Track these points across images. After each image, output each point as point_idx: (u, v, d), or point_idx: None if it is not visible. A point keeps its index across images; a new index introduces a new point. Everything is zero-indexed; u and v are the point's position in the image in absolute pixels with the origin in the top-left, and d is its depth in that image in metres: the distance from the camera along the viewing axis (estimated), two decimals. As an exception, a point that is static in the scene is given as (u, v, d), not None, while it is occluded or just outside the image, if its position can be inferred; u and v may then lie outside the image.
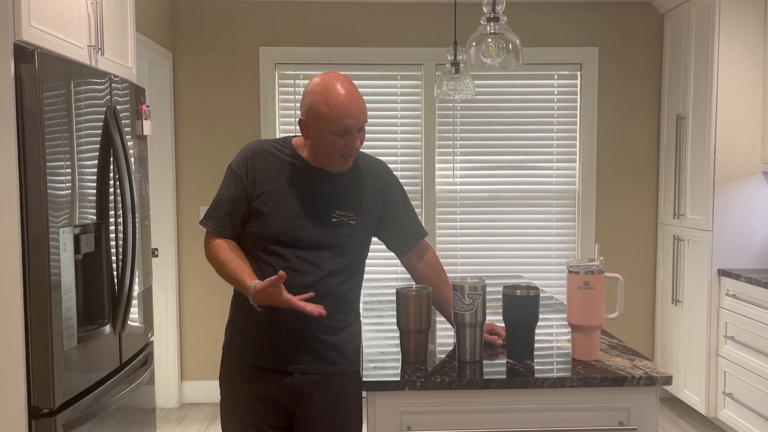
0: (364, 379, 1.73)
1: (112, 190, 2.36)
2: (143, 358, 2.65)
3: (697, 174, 3.71)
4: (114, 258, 2.37)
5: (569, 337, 1.91)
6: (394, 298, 1.87)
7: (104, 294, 2.33)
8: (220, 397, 1.95)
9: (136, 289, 2.54)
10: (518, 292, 1.84)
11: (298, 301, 1.70)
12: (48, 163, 1.94)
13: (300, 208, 1.83)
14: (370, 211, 1.90)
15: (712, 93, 3.56)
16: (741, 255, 3.59)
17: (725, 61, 3.53)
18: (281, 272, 1.68)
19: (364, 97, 1.85)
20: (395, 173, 2.03)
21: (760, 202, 3.59)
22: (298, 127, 4.13)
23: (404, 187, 2.03)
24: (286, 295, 1.69)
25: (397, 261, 2.07)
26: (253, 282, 1.73)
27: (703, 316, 3.63)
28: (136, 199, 2.43)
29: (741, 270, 3.51)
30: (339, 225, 1.84)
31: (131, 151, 2.52)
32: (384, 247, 2.05)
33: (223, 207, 1.86)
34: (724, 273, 3.53)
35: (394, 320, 1.88)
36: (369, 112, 1.88)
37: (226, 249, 1.83)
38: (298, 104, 4.14)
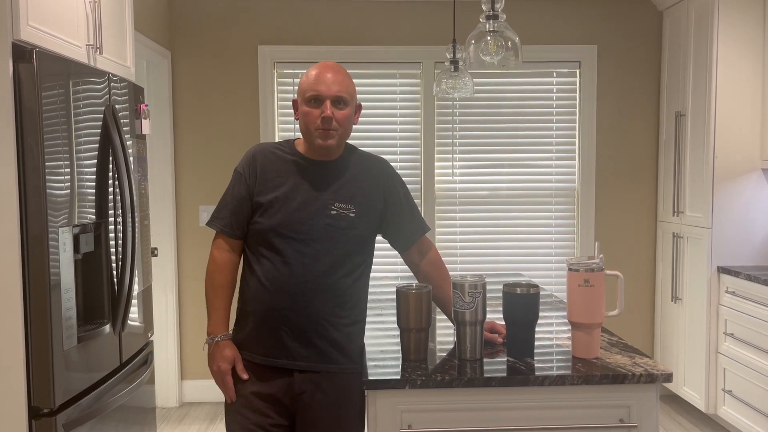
0: (364, 378, 1.73)
1: (111, 189, 2.35)
2: (143, 357, 2.65)
3: (697, 171, 3.71)
4: (113, 257, 2.37)
5: (569, 335, 1.91)
6: (394, 296, 1.87)
7: (104, 293, 2.33)
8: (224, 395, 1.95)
9: (136, 288, 2.54)
10: (518, 290, 1.84)
11: (228, 384, 1.88)
12: (47, 163, 1.94)
13: (300, 202, 1.85)
14: (371, 205, 1.91)
15: (711, 90, 3.56)
16: (740, 252, 3.59)
17: (724, 59, 3.53)
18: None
19: (363, 96, 1.87)
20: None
21: (759, 199, 3.59)
22: (297, 125, 4.15)
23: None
24: (221, 377, 1.89)
25: (397, 259, 2.08)
26: (222, 333, 1.88)
27: (702, 313, 3.63)
28: (135, 198, 2.43)
29: (740, 267, 3.51)
30: (338, 217, 1.85)
31: (130, 151, 2.51)
32: (383, 245, 2.05)
33: (228, 207, 1.91)
34: (723, 270, 3.54)
35: (395, 318, 1.88)
36: (368, 110, 1.90)
37: (225, 274, 1.91)
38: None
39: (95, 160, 2.26)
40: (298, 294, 1.82)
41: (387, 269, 3.83)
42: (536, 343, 1.90)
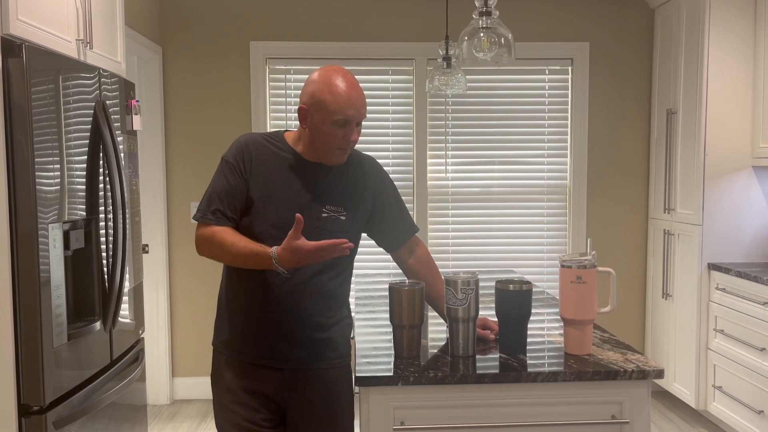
0: (357, 375, 1.73)
1: (101, 185, 2.34)
2: (134, 354, 2.64)
3: (688, 168, 3.73)
4: (104, 254, 2.36)
5: (562, 331, 1.92)
6: (387, 293, 1.87)
7: (94, 290, 2.32)
8: (212, 393, 1.94)
9: (127, 285, 2.53)
10: (511, 286, 1.85)
11: (325, 242, 1.63)
12: (36, 159, 1.92)
13: (291, 203, 1.82)
14: (361, 206, 1.90)
15: (702, 88, 3.58)
16: (731, 249, 3.61)
17: (715, 56, 3.55)
18: (299, 215, 1.64)
19: (356, 92, 1.85)
20: (386, 169, 2.03)
21: (749, 196, 3.61)
22: (289, 122, 4.15)
23: (395, 183, 2.03)
24: (310, 243, 1.64)
25: (389, 256, 2.07)
26: (273, 248, 1.68)
27: (693, 309, 3.66)
28: (126, 194, 2.41)
29: (731, 264, 3.53)
30: (329, 220, 1.83)
31: (121, 147, 2.50)
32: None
33: (222, 199, 1.81)
34: (713, 267, 3.56)
35: (387, 315, 1.88)
36: (360, 107, 1.88)
37: (229, 232, 1.78)
38: (290, 99, 4.14)
39: (85, 156, 2.24)
40: (287, 296, 1.80)
41: (379, 266, 3.82)
42: (529, 339, 1.90)
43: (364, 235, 1.98)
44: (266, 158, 1.85)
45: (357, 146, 2.01)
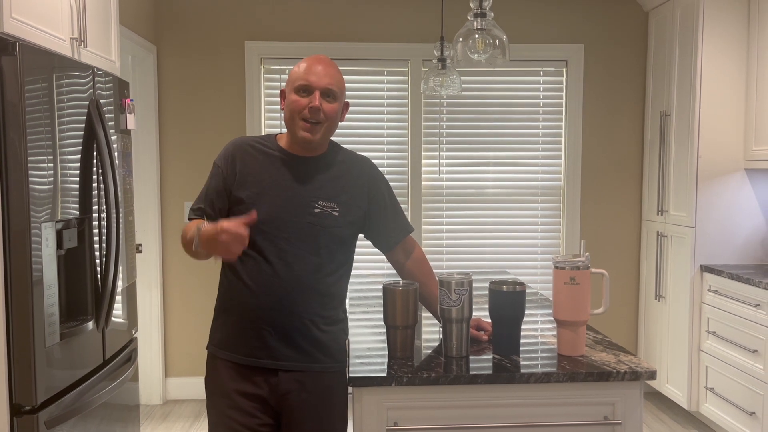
0: (350, 375, 1.72)
1: (95, 184, 2.33)
2: (127, 354, 2.63)
3: (681, 171, 3.74)
4: (97, 253, 2.35)
5: (555, 332, 1.92)
6: (381, 293, 1.87)
7: (87, 290, 2.31)
8: (206, 398, 1.92)
9: (120, 285, 2.52)
10: (504, 287, 1.85)
11: (235, 221, 1.62)
12: (30, 158, 1.91)
13: (282, 199, 1.83)
14: (354, 204, 1.90)
15: (695, 90, 3.59)
16: (723, 251, 3.63)
17: (708, 59, 3.56)
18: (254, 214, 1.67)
19: (350, 93, 1.87)
20: (381, 169, 2.03)
21: (742, 198, 3.63)
22: (283, 122, 4.15)
23: (390, 183, 2.03)
24: (225, 222, 1.62)
25: (384, 256, 2.07)
26: (202, 224, 1.69)
27: (685, 311, 3.67)
28: (119, 193, 2.41)
29: (723, 266, 3.55)
30: (322, 215, 1.83)
31: (115, 146, 2.49)
32: (370, 242, 2.04)
33: (202, 200, 1.89)
34: (706, 269, 3.57)
35: (381, 316, 1.88)
36: (355, 107, 1.90)
37: (192, 223, 1.83)
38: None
39: (79, 155, 2.23)
40: (282, 294, 1.80)
41: (373, 266, 3.82)
42: (522, 340, 1.91)
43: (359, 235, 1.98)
44: (254, 158, 1.86)
45: (353, 146, 2.02)
